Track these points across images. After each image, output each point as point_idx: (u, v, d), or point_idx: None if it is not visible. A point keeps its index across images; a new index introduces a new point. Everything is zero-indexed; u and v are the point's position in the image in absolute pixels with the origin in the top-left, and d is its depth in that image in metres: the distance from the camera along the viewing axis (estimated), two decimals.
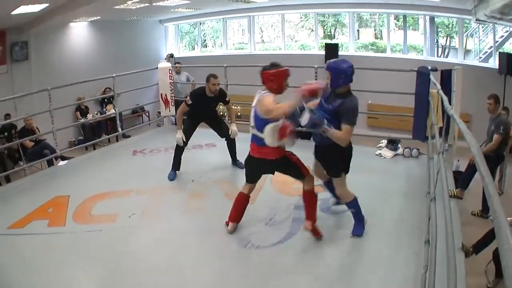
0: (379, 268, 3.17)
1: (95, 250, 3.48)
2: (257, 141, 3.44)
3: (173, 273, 3.17)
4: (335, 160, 3.51)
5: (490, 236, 4.43)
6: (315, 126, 3.22)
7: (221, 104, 5.39)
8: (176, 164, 5.12)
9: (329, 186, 3.87)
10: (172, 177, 5.02)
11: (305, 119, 3.21)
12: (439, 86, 4.60)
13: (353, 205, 3.62)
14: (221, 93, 5.15)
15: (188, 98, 5.08)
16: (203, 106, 5.10)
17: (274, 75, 3.34)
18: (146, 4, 9.11)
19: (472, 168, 5.59)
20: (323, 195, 4.30)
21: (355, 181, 3.70)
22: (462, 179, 5.71)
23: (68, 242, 3.58)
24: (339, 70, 3.35)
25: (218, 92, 5.07)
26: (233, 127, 5.23)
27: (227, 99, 5.25)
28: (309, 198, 3.58)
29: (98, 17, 10.33)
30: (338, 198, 3.90)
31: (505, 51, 9.11)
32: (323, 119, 3.24)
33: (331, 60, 3.58)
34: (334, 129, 3.26)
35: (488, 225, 4.74)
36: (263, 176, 5.00)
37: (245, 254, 3.42)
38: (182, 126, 5.10)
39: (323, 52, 10.35)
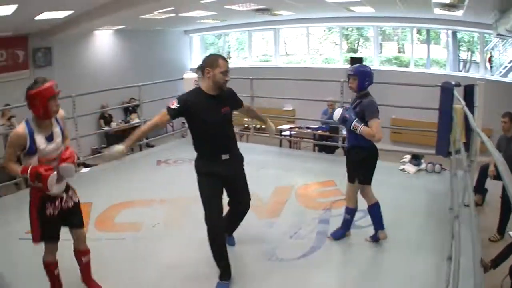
0: (399, 283, 3.16)
1: (117, 258, 3.48)
2: None
3: (196, 285, 3.15)
4: (355, 165, 3.60)
5: (507, 251, 4.48)
6: (345, 121, 3.52)
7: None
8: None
9: (372, 211, 3.72)
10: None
11: (336, 114, 3.57)
12: (463, 102, 4.65)
13: (350, 212, 3.74)
14: (230, 93, 3.31)
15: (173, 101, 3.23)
16: (206, 113, 3.14)
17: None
18: (172, 15, 9.18)
19: (482, 171, 5.82)
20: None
21: (379, 196, 3.70)
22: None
23: (90, 249, 3.53)
24: (365, 73, 3.62)
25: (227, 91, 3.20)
26: (268, 123, 3.74)
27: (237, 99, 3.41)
28: None
29: (123, 26, 10.44)
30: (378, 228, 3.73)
31: None
32: (352, 115, 3.49)
33: (355, 65, 3.85)
34: (364, 126, 3.41)
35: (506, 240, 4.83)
36: (288, 189, 4.95)
37: (269, 266, 3.41)
38: (135, 144, 3.63)
39: (347, 66, 10.16)
